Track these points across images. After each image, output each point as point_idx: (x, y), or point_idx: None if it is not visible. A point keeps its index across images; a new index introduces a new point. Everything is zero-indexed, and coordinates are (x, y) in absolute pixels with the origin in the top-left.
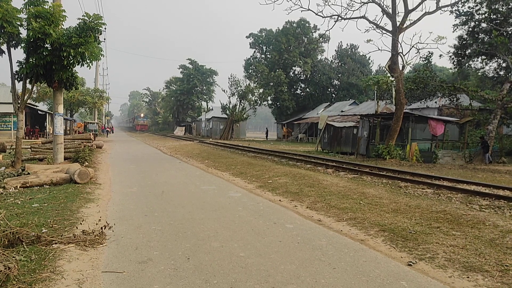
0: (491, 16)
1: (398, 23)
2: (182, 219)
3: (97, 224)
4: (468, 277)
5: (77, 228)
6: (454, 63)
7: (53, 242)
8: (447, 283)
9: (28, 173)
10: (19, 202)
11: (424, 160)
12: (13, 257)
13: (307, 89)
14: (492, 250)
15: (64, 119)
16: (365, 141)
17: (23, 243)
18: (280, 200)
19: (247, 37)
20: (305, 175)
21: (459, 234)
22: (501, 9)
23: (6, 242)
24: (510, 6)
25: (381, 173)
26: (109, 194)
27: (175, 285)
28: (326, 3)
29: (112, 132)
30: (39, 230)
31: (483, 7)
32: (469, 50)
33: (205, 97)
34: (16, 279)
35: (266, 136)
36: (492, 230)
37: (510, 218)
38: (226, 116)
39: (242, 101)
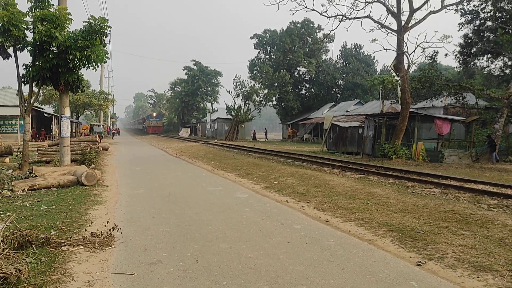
0: (497, 15)
1: (403, 22)
2: (190, 221)
3: (105, 226)
4: (478, 277)
5: (85, 230)
6: (460, 61)
7: (63, 244)
8: (457, 283)
9: (36, 176)
10: (27, 205)
11: (430, 160)
12: (23, 259)
13: (312, 89)
14: (502, 249)
15: (70, 121)
16: (371, 141)
17: (33, 245)
18: (287, 200)
19: (251, 37)
20: (312, 175)
21: (468, 233)
22: (506, 7)
23: (16, 245)
24: None
25: (388, 173)
26: (116, 196)
27: (184, 287)
28: (331, 3)
29: (118, 134)
30: (48, 233)
31: (488, 6)
32: (474, 49)
33: (209, 98)
34: (27, 281)
35: (266, 136)
36: (501, 229)
37: None
38: (231, 117)
39: (247, 102)
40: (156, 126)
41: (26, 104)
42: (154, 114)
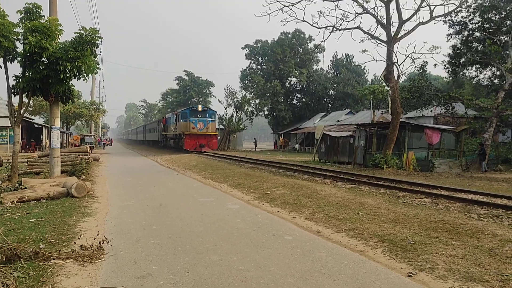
0: (484, 25)
1: (392, 33)
2: (181, 232)
3: (95, 238)
4: None
5: (75, 243)
6: (449, 72)
7: (51, 257)
8: None
9: (25, 188)
10: (16, 217)
11: (421, 169)
12: (11, 273)
13: (303, 99)
14: (492, 259)
15: (60, 132)
16: (362, 150)
17: (21, 259)
18: (278, 211)
19: (242, 48)
20: (303, 185)
21: (459, 244)
22: (494, 19)
23: (4, 259)
24: (502, 15)
25: (379, 182)
26: (107, 207)
27: None
28: (321, 15)
29: (111, 145)
30: (37, 246)
31: (476, 17)
32: (463, 59)
33: None
34: None
35: (255, 146)
36: (491, 239)
37: (508, 227)
38: (223, 127)
39: (238, 112)
40: (205, 136)
41: (16, 115)
42: (200, 108)
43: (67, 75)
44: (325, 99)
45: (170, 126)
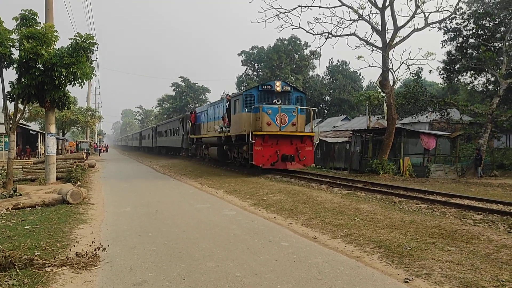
0: (479, 32)
1: (388, 40)
2: (177, 239)
3: (90, 245)
4: None
5: (70, 250)
6: (444, 78)
7: (46, 265)
8: None
9: (20, 194)
10: (11, 224)
11: (417, 175)
12: (6, 281)
13: None
14: (488, 265)
15: (56, 138)
16: (358, 156)
17: (16, 266)
18: (275, 217)
19: (239, 54)
20: (299, 191)
21: (455, 249)
22: (488, 25)
23: None
24: (496, 22)
25: (375, 188)
26: (102, 214)
27: None
28: (317, 21)
29: (107, 151)
30: (32, 253)
31: (470, 23)
32: (458, 65)
33: None
34: None
35: None
36: (487, 245)
37: (504, 232)
38: None
39: None
40: (291, 139)
41: (11, 122)
42: (279, 86)
43: (63, 81)
44: (321, 105)
45: (209, 124)
